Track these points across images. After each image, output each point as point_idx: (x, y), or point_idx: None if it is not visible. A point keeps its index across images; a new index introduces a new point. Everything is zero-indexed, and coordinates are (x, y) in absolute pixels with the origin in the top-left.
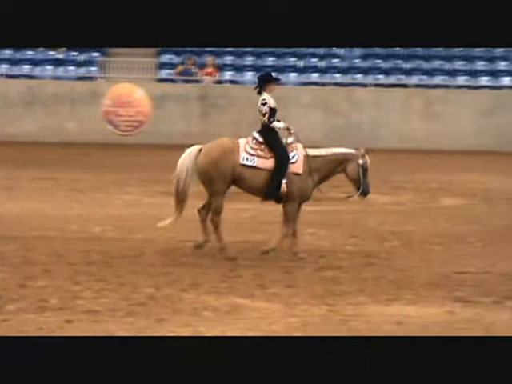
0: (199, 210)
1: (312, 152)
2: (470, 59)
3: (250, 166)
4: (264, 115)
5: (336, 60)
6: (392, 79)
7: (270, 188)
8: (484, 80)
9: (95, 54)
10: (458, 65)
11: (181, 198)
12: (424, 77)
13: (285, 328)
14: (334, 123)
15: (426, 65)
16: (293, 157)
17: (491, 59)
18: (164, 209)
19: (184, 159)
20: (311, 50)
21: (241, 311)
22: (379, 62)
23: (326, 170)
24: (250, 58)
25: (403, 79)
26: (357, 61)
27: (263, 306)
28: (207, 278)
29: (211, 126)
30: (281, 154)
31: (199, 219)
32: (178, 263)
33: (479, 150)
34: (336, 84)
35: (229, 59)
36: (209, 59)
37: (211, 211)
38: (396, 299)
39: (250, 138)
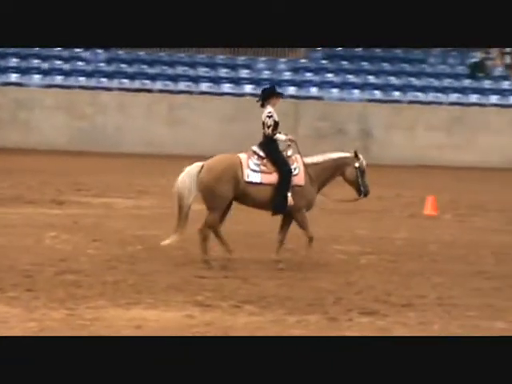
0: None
1: (310, 161)
2: (214, 66)
3: (255, 183)
4: (269, 127)
5: (81, 63)
6: (137, 84)
7: (277, 202)
8: (226, 87)
9: None
10: (202, 71)
11: (183, 216)
12: (168, 82)
13: (23, 332)
14: (78, 127)
15: (170, 70)
16: (294, 169)
17: (234, 67)
18: None
19: (184, 177)
20: (56, 52)
21: None
22: (124, 67)
23: (325, 176)
24: None
25: (148, 84)
26: (102, 64)
27: (2, 309)
28: None
29: None
30: (283, 169)
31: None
32: None
33: None
34: (81, 87)
35: None
36: None
37: (204, 223)
38: (136, 303)
39: (250, 153)
